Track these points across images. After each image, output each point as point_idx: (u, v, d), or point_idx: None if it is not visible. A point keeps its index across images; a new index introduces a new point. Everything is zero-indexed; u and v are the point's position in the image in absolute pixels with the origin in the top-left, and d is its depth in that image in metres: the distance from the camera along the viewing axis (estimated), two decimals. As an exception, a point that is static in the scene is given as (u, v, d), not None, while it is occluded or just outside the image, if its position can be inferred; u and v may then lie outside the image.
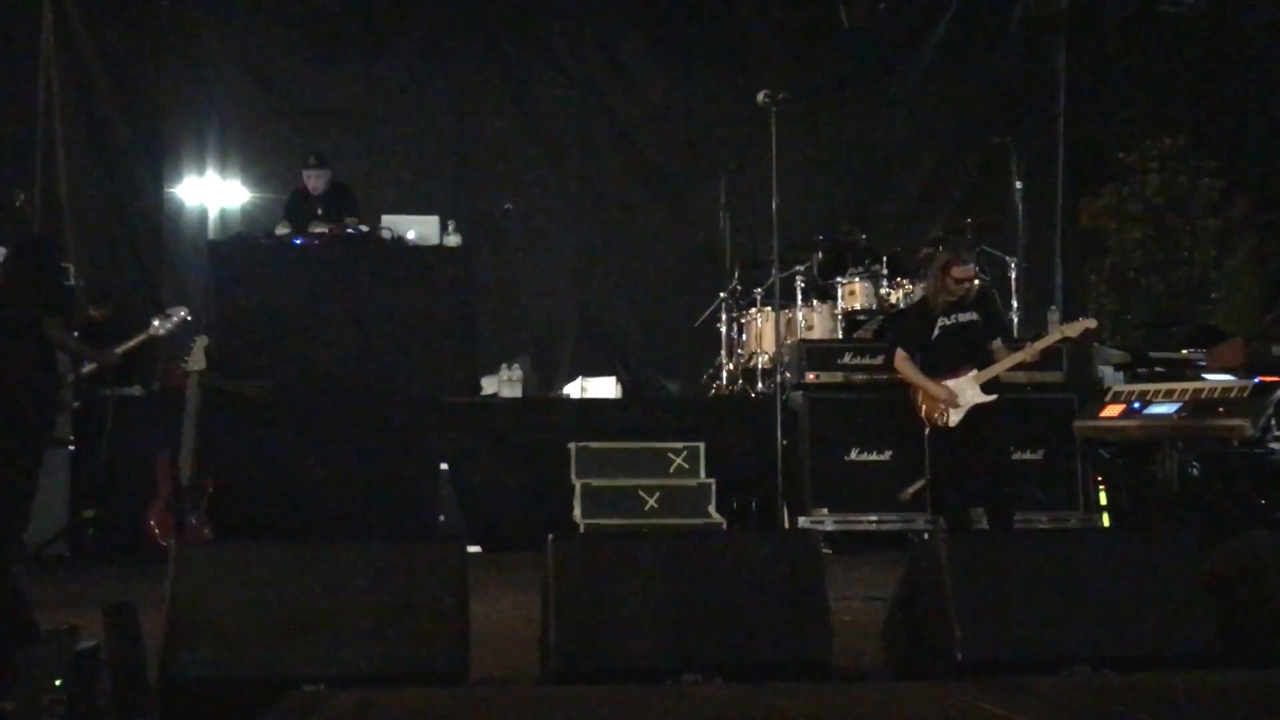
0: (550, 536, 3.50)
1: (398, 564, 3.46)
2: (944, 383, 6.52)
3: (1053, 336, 6.91)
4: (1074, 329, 6.78)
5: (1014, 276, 8.93)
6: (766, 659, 3.40)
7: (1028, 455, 7.79)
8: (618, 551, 3.55)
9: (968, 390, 6.51)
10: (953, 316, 6.68)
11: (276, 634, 3.24)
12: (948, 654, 3.47)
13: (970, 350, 6.61)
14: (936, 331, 6.68)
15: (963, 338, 6.62)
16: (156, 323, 7.29)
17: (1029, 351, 6.70)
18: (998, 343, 6.72)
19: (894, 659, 3.84)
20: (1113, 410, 7.46)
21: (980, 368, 6.54)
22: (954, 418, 6.52)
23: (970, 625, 3.49)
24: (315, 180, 8.71)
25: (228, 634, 3.21)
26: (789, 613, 3.45)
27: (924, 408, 6.64)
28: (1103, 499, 7.84)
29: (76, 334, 7.22)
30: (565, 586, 3.43)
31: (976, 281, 6.92)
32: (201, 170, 10.43)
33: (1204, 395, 7.10)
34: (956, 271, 6.62)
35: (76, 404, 7.30)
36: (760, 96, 7.17)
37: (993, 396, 6.50)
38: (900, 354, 6.74)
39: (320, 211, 8.52)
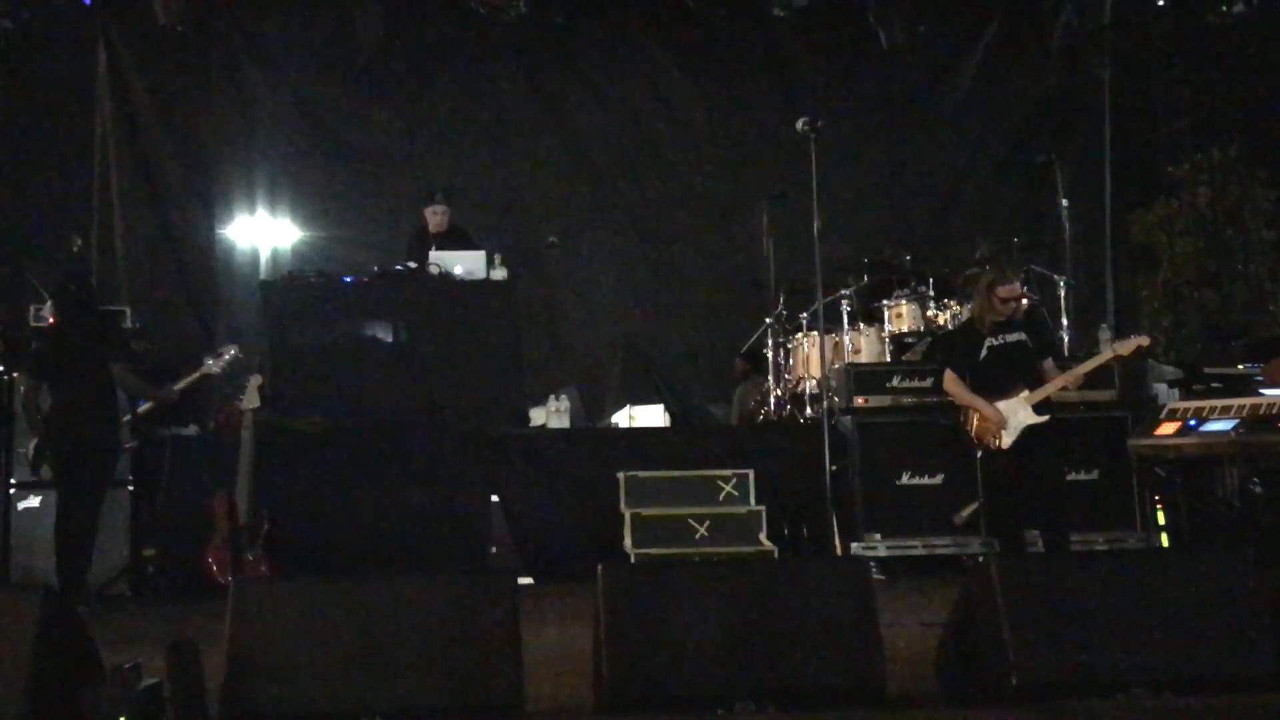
0: (601, 566, 3.51)
1: (451, 597, 3.49)
2: (996, 404, 6.49)
3: (1104, 355, 6.85)
4: (1126, 346, 6.73)
5: (1063, 295, 8.85)
6: (820, 687, 3.39)
7: (1083, 475, 7.72)
8: (669, 580, 3.56)
9: (1019, 411, 6.46)
10: (1000, 337, 6.64)
11: (334, 668, 3.28)
12: (1003, 679, 3.44)
13: (1020, 371, 6.57)
14: (984, 352, 6.65)
15: (1011, 358, 6.58)
16: (210, 361, 7.41)
17: (1080, 371, 6.64)
18: (1049, 362, 6.67)
19: (948, 685, 3.80)
20: (1168, 428, 7.35)
21: (1031, 388, 6.49)
22: (1007, 439, 6.48)
23: (1025, 650, 3.46)
24: (439, 217, 8.81)
25: (286, 669, 3.25)
26: (842, 640, 3.44)
27: (976, 429, 6.59)
28: (1160, 518, 7.73)
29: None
30: (617, 616, 3.44)
31: (1025, 301, 6.87)
32: (252, 210, 10.61)
33: (1261, 411, 6.98)
34: (1002, 291, 6.60)
35: (134, 444, 7.42)
36: (800, 124, 7.21)
37: (1044, 417, 6.45)
38: (950, 375, 6.71)
39: (434, 248, 8.60)
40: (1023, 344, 6.62)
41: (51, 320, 7.42)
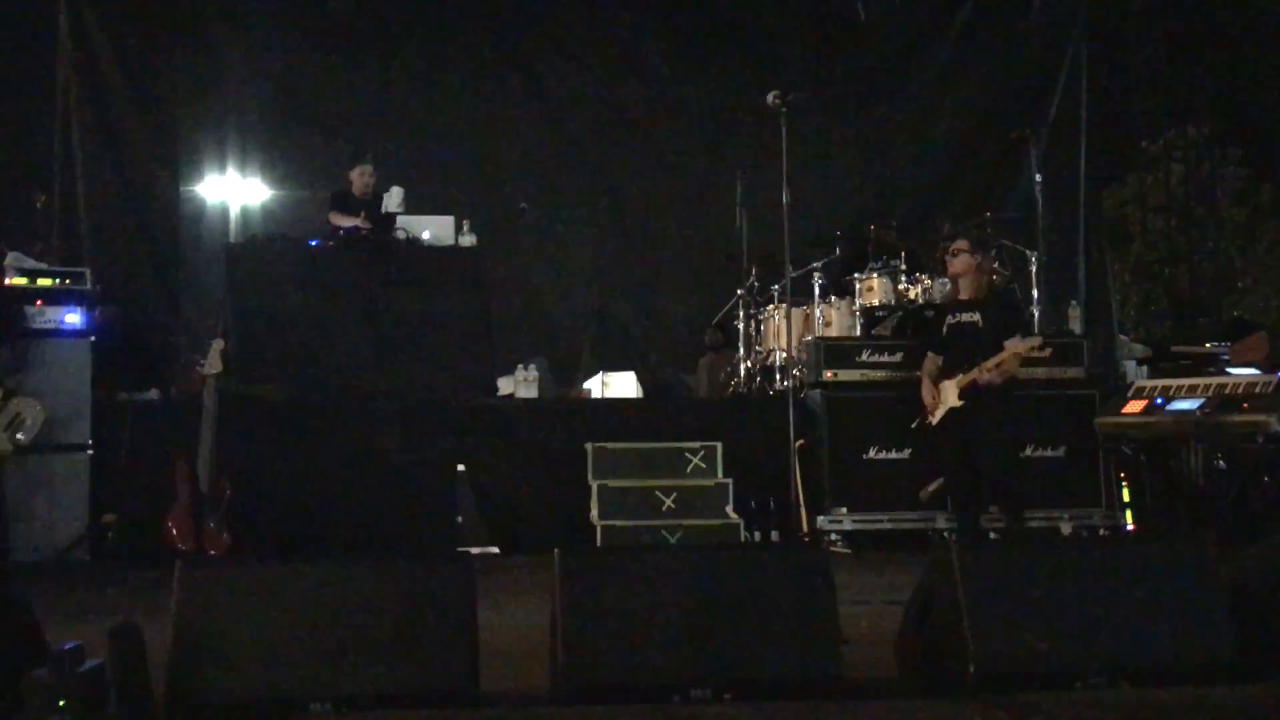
0: (557, 551, 3.47)
1: (405, 580, 3.44)
2: (940, 384, 6.52)
3: (1003, 355, 6.63)
4: (1022, 345, 6.62)
5: (1034, 270, 8.83)
6: (776, 674, 3.36)
7: (1049, 452, 7.76)
8: (626, 565, 3.52)
9: (950, 393, 6.50)
10: (958, 315, 6.69)
11: (283, 654, 3.22)
12: (961, 667, 3.42)
13: (970, 352, 6.55)
14: (945, 329, 6.69)
15: (965, 338, 6.59)
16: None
17: (986, 366, 6.54)
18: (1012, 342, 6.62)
19: (907, 671, 3.79)
20: (1135, 406, 7.40)
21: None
22: (935, 417, 6.57)
23: (984, 638, 3.44)
24: (365, 178, 8.61)
25: (233, 653, 3.19)
26: (798, 626, 3.41)
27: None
28: (1125, 496, 7.77)
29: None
30: (573, 601, 3.40)
31: (980, 275, 6.78)
32: (222, 168, 10.44)
33: (1228, 390, 7.03)
34: (949, 262, 6.68)
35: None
36: (770, 97, 7.14)
37: (960, 403, 6.45)
38: (928, 356, 6.79)
39: (364, 213, 8.48)
40: (974, 325, 6.60)
41: None
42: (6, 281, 7.48)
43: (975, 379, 6.48)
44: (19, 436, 6.70)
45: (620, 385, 9.31)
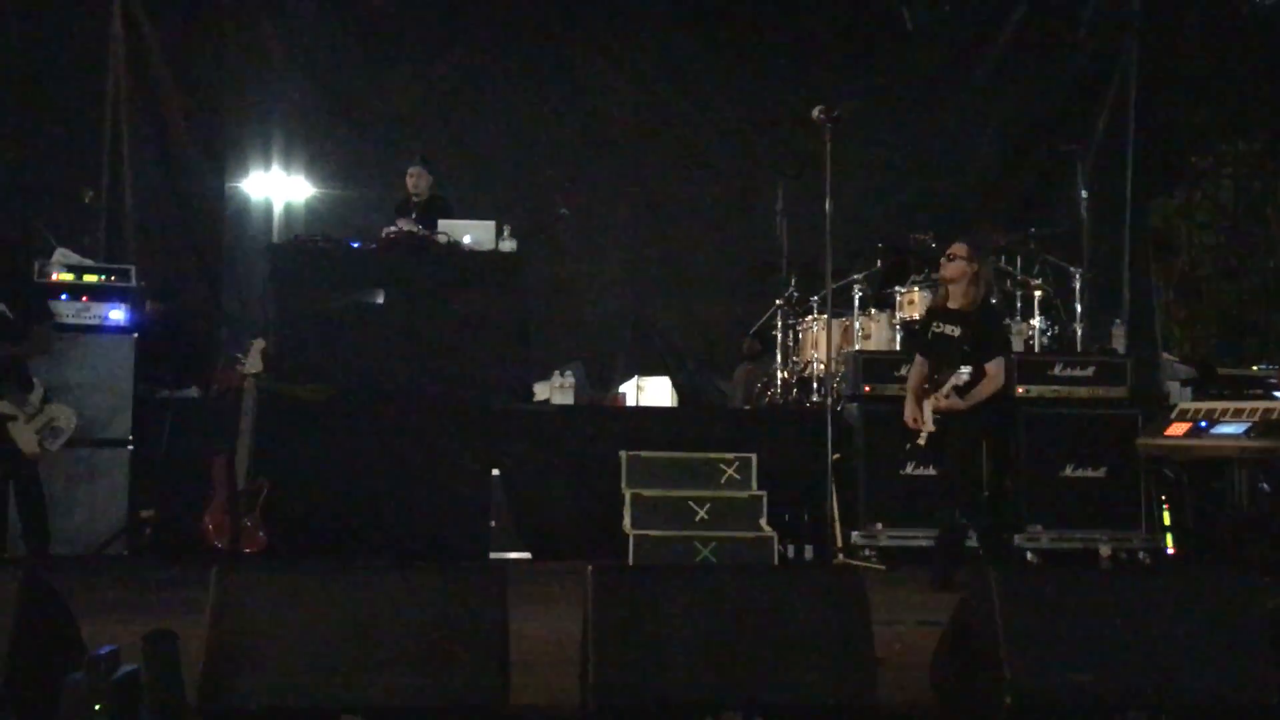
0: (590, 568, 3.45)
1: (438, 590, 3.44)
2: (924, 404, 6.22)
3: (943, 389, 6.26)
4: (943, 399, 6.21)
5: (1078, 287, 8.73)
6: (809, 698, 3.33)
7: (1089, 472, 7.66)
8: (659, 585, 3.49)
9: (928, 413, 6.23)
10: (942, 325, 6.41)
11: (315, 662, 3.22)
12: (997, 697, 3.37)
13: (946, 366, 6.19)
14: (930, 336, 6.47)
15: (944, 350, 6.29)
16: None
17: (938, 396, 6.23)
18: (994, 364, 6.28)
19: (943, 698, 3.75)
20: (1178, 429, 7.26)
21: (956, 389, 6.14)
22: (923, 438, 6.31)
23: (1021, 668, 3.39)
24: (414, 180, 8.72)
25: (267, 662, 3.20)
26: (832, 651, 3.37)
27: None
28: (1166, 519, 7.65)
29: None
30: (605, 619, 3.38)
31: (973, 286, 6.37)
32: (267, 166, 10.51)
33: (1275, 416, 6.88)
34: (943, 265, 6.43)
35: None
36: (815, 112, 7.05)
37: (932, 428, 6.21)
38: (915, 360, 6.51)
39: (414, 215, 8.53)
40: (951, 338, 6.30)
41: None
42: (54, 277, 7.58)
43: (935, 405, 6.19)
44: (48, 444, 6.80)
45: (655, 389, 9.29)
